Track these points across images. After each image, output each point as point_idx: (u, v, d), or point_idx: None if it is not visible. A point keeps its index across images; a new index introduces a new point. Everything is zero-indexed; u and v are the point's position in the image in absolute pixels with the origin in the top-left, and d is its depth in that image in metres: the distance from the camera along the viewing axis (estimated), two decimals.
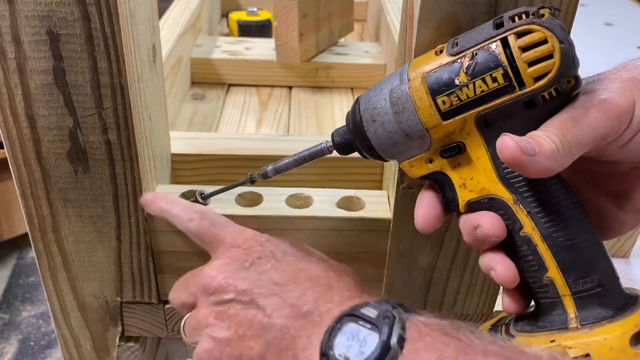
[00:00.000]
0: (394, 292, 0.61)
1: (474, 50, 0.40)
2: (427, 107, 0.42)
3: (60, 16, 0.47)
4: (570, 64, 0.39)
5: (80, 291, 0.61)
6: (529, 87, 0.39)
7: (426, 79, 0.42)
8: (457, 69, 0.41)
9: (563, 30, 0.39)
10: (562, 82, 0.39)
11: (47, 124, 0.51)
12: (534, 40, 0.38)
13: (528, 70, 0.39)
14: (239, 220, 0.57)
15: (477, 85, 0.40)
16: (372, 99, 0.45)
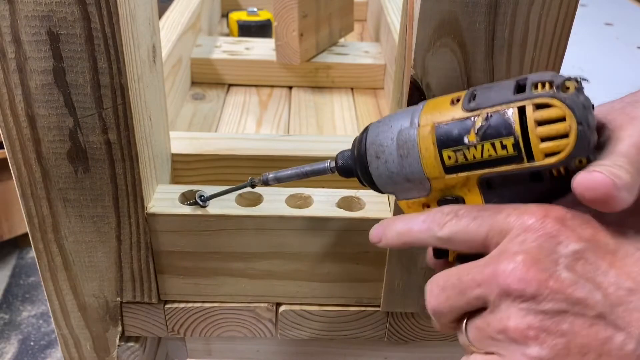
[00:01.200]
0: (394, 292, 0.61)
1: (490, 112, 0.39)
2: (431, 158, 0.41)
3: (60, 16, 0.47)
4: (584, 146, 0.37)
5: (81, 291, 0.61)
6: (538, 162, 0.38)
7: (436, 129, 0.41)
8: (468, 126, 0.39)
9: (585, 109, 0.36)
10: (572, 162, 0.37)
11: (47, 124, 0.51)
12: (552, 116, 0.37)
13: (540, 145, 0.37)
14: (239, 221, 0.57)
15: (485, 148, 0.39)
16: (380, 134, 0.44)
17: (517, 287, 0.34)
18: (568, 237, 0.35)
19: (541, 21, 0.46)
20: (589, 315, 0.33)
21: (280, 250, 0.59)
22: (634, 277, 0.33)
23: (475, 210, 0.39)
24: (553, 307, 0.33)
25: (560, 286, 0.33)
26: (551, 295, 0.33)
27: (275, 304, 0.64)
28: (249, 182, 0.55)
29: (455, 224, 0.39)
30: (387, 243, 0.44)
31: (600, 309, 0.33)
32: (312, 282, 0.62)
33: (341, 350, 0.72)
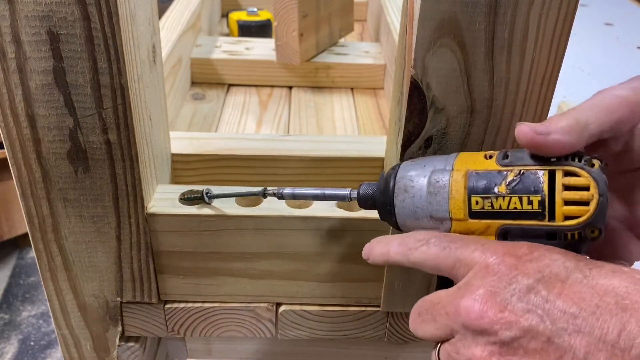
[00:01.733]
0: (394, 293, 0.61)
1: (523, 170, 0.42)
2: (460, 200, 0.43)
3: (61, 16, 0.47)
4: (601, 216, 0.40)
5: (81, 291, 0.61)
6: (557, 222, 0.41)
7: (469, 175, 0.43)
8: (500, 179, 0.42)
9: (605, 184, 0.40)
10: (587, 230, 0.40)
11: (47, 124, 0.51)
12: (578, 184, 0.40)
13: (563, 208, 0.40)
14: (240, 221, 0.57)
15: (512, 201, 0.42)
16: (412, 171, 0.46)
17: (477, 322, 0.38)
18: (523, 271, 0.38)
19: (541, 21, 0.46)
20: (540, 340, 0.36)
21: (280, 250, 0.59)
22: (577, 302, 0.36)
23: (445, 241, 0.43)
24: (509, 336, 0.37)
25: (514, 317, 0.37)
26: (507, 325, 0.37)
27: (275, 304, 0.64)
28: (262, 192, 0.55)
29: (426, 251, 0.44)
30: (373, 261, 0.48)
31: (548, 334, 0.36)
32: (312, 282, 0.62)
33: (341, 351, 0.72)
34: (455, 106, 0.50)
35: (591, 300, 0.36)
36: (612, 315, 0.35)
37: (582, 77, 2.37)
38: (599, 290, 0.36)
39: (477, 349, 0.38)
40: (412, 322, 0.44)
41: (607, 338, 0.34)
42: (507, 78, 0.49)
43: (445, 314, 0.41)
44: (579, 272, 0.38)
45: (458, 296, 0.40)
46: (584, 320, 0.35)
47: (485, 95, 0.49)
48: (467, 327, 0.39)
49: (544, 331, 0.36)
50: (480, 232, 0.44)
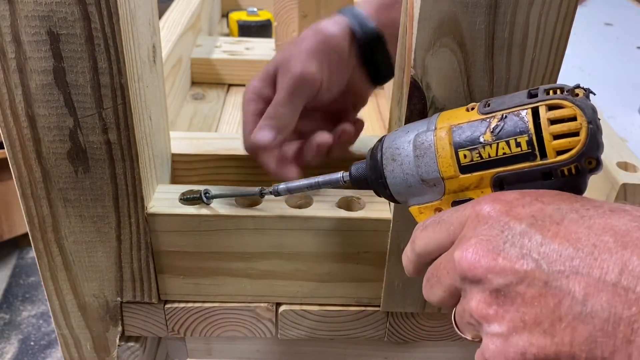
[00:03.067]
0: (394, 292, 0.61)
1: (505, 113, 0.41)
2: (447, 157, 0.42)
3: (61, 16, 0.47)
4: (594, 145, 0.39)
5: (81, 291, 0.61)
6: (550, 159, 0.39)
7: (453, 130, 0.42)
8: (484, 127, 0.41)
9: (594, 112, 0.39)
10: (583, 161, 0.39)
11: (47, 124, 0.51)
12: (564, 115, 0.39)
13: (553, 142, 0.39)
14: (240, 220, 0.57)
15: (500, 147, 0.41)
16: (396, 139, 0.46)
17: (471, 271, 0.37)
18: (515, 216, 0.37)
19: (541, 21, 0.46)
20: (537, 285, 0.34)
21: (281, 250, 0.59)
22: (573, 243, 0.35)
23: (438, 216, 0.42)
24: (504, 283, 0.35)
25: (509, 263, 0.35)
26: (501, 272, 0.36)
27: (275, 304, 0.64)
28: (259, 192, 0.55)
29: (425, 235, 0.43)
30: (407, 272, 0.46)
31: (545, 278, 0.34)
32: (312, 282, 0.62)
33: (341, 351, 0.72)
34: (455, 106, 0.50)
35: (588, 240, 0.34)
36: (611, 254, 0.33)
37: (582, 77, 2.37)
38: (597, 230, 0.35)
39: (473, 301, 0.37)
40: (424, 291, 0.43)
41: (607, 278, 0.33)
42: (507, 78, 0.49)
43: (446, 272, 0.40)
44: (575, 212, 0.37)
45: (453, 251, 0.39)
46: (581, 261, 0.34)
47: (485, 95, 0.49)
48: (464, 279, 0.38)
49: (540, 275, 0.35)
50: (475, 186, 0.42)
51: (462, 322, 0.40)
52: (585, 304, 0.33)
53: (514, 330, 0.35)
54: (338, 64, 0.63)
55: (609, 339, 0.32)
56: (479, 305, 0.37)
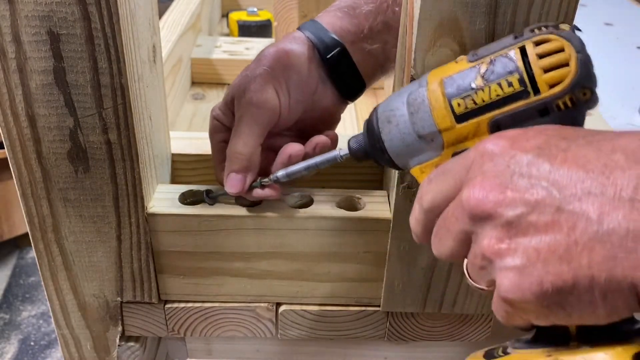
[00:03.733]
0: (394, 292, 0.61)
1: (492, 57, 0.41)
2: (442, 108, 0.42)
3: (61, 16, 0.47)
4: (586, 74, 0.39)
5: (81, 291, 0.61)
6: (544, 94, 0.39)
7: (444, 82, 0.42)
8: (474, 73, 0.41)
9: (581, 43, 0.39)
10: (577, 92, 0.39)
11: (48, 123, 0.51)
12: (551, 49, 0.39)
13: (543, 76, 0.39)
14: (240, 220, 0.57)
15: (492, 89, 0.40)
16: (390, 102, 0.46)
17: (480, 207, 0.36)
18: (520, 149, 0.36)
19: (541, 21, 0.46)
20: (550, 212, 0.34)
21: (281, 250, 0.59)
22: (583, 165, 0.34)
23: (441, 168, 0.41)
24: (515, 214, 0.35)
25: (518, 194, 0.35)
26: (512, 204, 0.35)
27: (276, 304, 0.64)
28: (259, 183, 0.56)
29: (431, 189, 0.41)
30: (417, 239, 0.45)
31: (558, 203, 0.33)
32: (312, 282, 0.62)
33: (341, 350, 0.72)
34: None
35: (598, 161, 0.34)
36: (624, 170, 0.33)
37: None
38: (606, 151, 0.34)
39: (485, 239, 0.36)
40: (433, 247, 0.42)
41: (622, 194, 0.32)
42: None
43: (455, 219, 0.38)
44: (581, 139, 0.36)
45: (460, 195, 0.38)
46: (593, 182, 0.33)
47: None
48: (474, 219, 0.36)
49: (552, 202, 0.34)
50: (473, 134, 0.42)
51: (475, 269, 0.38)
52: (601, 223, 0.32)
53: (529, 261, 0.34)
54: (298, 83, 0.59)
55: (630, 254, 0.31)
56: (490, 242, 0.36)
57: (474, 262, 0.38)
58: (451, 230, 0.39)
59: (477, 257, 0.37)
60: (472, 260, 0.38)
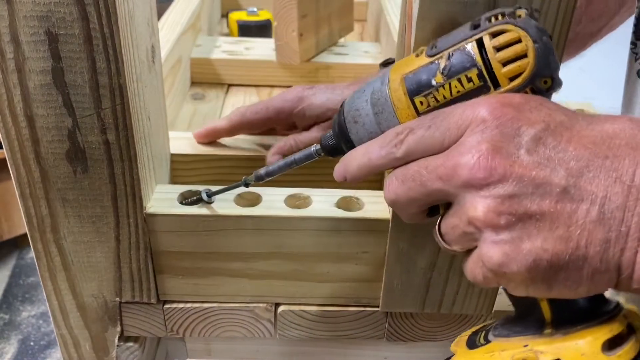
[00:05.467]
0: (393, 292, 0.61)
1: (451, 51, 0.40)
2: (405, 107, 0.42)
3: (59, 16, 0.47)
4: (545, 63, 0.38)
5: (80, 291, 0.61)
6: (504, 87, 0.39)
7: (405, 80, 0.42)
8: (434, 69, 0.41)
9: (539, 30, 0.38)
10: (537, 82, 0.39)
11: (46, 124, 0.51)
12: (508, 40, 0.38)
13: (502, 70, 0.39)
14: (238, 221, 0.57)
15: (453, 86, 0.40)
16: (355, 101, 0.45)
17: (482, 176, 0.35)
18: (526, 121, 0.36)
19: (539, 21, 0.46)
20: (554, 192, 0.34)
21: (279, 250, 0.59)
22: (590, 147, 0.35)
23: (427, 120, 0.40)
24: (519, 191, 0.35)
25: (524, 170, 0.35)
26: (517, 179, 0.35)
27: (274, 304, 0.64)
28: (243, 182, 0.56)
29: (411, 139, 0.40)
30: (352, 177, 0.44)
31: (564, 184, 0.34)
32: (310, 282, 0.62)
33: (341, 350, 0.72)
34: None
35: (602, 144, 0.35)
36: (624, 156, 0.34)
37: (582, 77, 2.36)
38: (609, 133, 0.35)
39: (480, 209, 0.35)
40: (392, 190, 0.41)
41: (623, 179, 0.33)
42: None
43: (437, 177, 0.37)
44: (582, 118, 0.37)
45: (454, 156, 0.37)
46: (598, 165, 0.34)
47: None
48: (470, 185, 0.36)
49: (559, 182, 0.34)
50: None
51: (456, 233, 0.38)
52: (603, 206, 0.33)
53: (527, 236, 0.35)
54: None
55: (621, 237, 0.33)
56: (488, 214, 0.35)
57: (456, 225, 0.38)
58: (427, 187, 0.38)
59: (461, 222, 0.37)
60: (454, 223, 0.38)
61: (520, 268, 0.35)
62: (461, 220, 0.37)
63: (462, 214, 0.37)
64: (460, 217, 0.37)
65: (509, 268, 0.35)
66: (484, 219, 0.36)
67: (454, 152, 0.37)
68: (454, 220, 0.38)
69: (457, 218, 0.38)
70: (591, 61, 2.63)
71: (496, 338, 0.44)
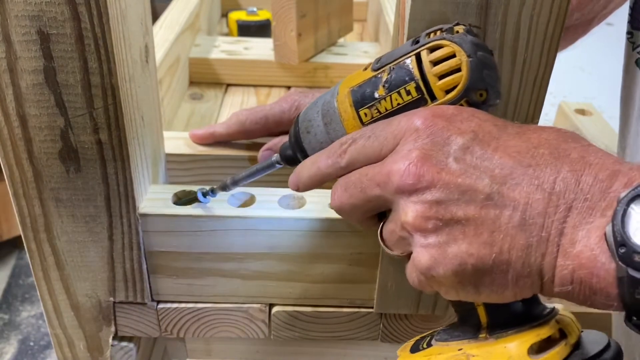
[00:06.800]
0: (387, 294, 0.61)
1: (392, 66, 0.42)
2: (350, 118, 0.44)
3: (50, 16, 0.47)
4: (479, 77, 0.40)
5: (74, 291, 0.61)
6: (440, 100, 0.41)
7: (351, 93, 0.44)
8: (377, 83, 0.43)
9: (475, 45, 0.40)
10: (472, 95, 0.40)
11: (39, 123, 0.51)
12: (444, 55, 0.40)
13: (438, 83, 0.41)
14: (232, 221, 0.57)
15: (393, 98, 0.42)
16: (308, 112, 0.47)
17: (411, 182, 0.37)
18: (456, 131, 0.38)
19: (532, 22, 0.46)
20: (479, 199, 0.36)
21: (273, 251, 0.59)
22: (514, 156, 0.37)
23: (368, 130, 0.42)
24: (446, 197, 0.37)
25: (451, 177, 0.37)
26: (444, 186, 0.37)
27: (268, 305, 0.63)
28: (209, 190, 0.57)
29: (353, 149, 0.42)
30: (304, 186, 0.47)
31: (488, 191, 0.36)
32: (304, 283, 0.61)
33: (341, 351, 0.72)
34: None
35: (527, 153, 0.36)
36: (546, 165, 0.36)
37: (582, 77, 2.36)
38: (534, 143, 0.37)
39: (410, 213, 0.37)
40: (337, 197, 0.43)
41: (544, 186, 0.35)
42: None
43: (375, 184, 0.40)
44: (511, 127, 0.39)
45: (389, 163, 0.39)
46: (521, 173, 0.36)
47: None
48: (401, 191, 0.38)
49: (483, 189, 0.36)
50: None
51: (393, 238, 0.40)
52: (525, 212, 0.35)
53: (454, 241, 0.36)
54: None
55: (542, 243, 0.35)
56: (416, 219, 0.37)
57: (393, 230, 0.40)
58: (367, 194, 0.40)
59: (397, 227, 0.39)
60: (391, 228, 0.40)
61: (447, 271, 0.36)
62: (397, 225, 0.39)
63: (397, 219, 0.39)
64: (396, 222, 0.39)
65: (437, 271, 0.37)
66: (412, 223, 0.37)
67: (389, 160, 0.39)
68: (392, 225, 0.40)
69: (393, 223, 0.39)
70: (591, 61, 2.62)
71: (437, 342, 0.46)
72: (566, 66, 0.58)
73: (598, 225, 0.33)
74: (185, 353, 0.75)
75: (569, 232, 0.34)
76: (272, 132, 0.71)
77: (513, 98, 0.49)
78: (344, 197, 0.42)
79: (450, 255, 0.36)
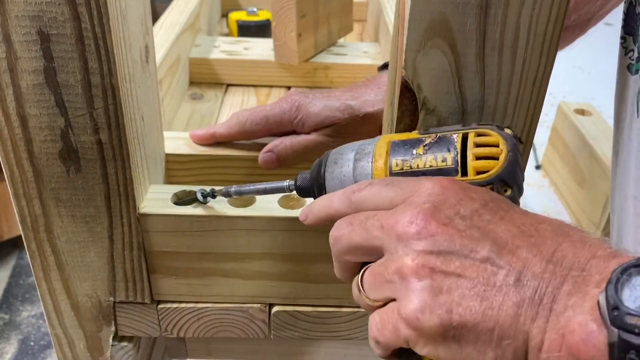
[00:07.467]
0: None
1: (439, 134, 0.45)
2: (382, 163, 0.46)
3: (51, 16, 0.47)
4: (510, 171, 0.42)
5: (74, 291, 0.61)
6: (470, 177, 0.43)
7: (392, 143, 0.46)
8: (419, 143, 0.45)
9: (516, 146, 0.43)
10: (497, 185, 0.42)
11: (39, 123, 0.51)
12: (488, 141, 0.43)
13: (474, 162, 0.42)
14: (232, 221, 0.57)
15: (428, 160, 0.44)
16: (342, 148, 0.49)
17: (416, 230, 0.38)
18: (469, 198, 0.40)
19: (532, 22, 0.46)
20: (479, 256, 0.37)
21: (273, 251, 0.59)
22: (518, 226, 0.39)
23: (388, 179, 0.44)
24: (448, 249, 0.38)
25: (456, 232, 0.38)
26: (447, 239, 0.38)
27: (268, 305, 0.64)
28: (211, 193, 0.57)
29: (367, 190, 0.44)
30: (313, 217, 0.48)
31: (488, 249, 0.37)
32: (304, 283, 0.62)
33: (342, 351, 0.72)
34: (446, 107, 0.50)
35: (531, 226, 0.38)
36: (547, 237, 0.38)
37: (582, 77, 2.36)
38: (538, 220, 0.39)
39: (407, 258, 0.38)
40: (339, 229, 0.44)
41: (543, 254, 0.36)
42: (498, 79, 0.48)
43: (380, 226, 0.41)
44: (519, 209, 0.41)
45: (398, 210, 0.40)
46: (523, 241, 0.37)
47: (476, 96, 0.49)
48: (402, 238, 0.39)
49: (484, 247, 0.37)
50: None
51: (378, 280, 0.40)
52: (521, 274, 0.36)
53: (447, 290, 0.37)
54: None
55: (534, 307, 0.35)
56: (416, 264, 0.38)
57: (380, 273, 0.40)
58: (369, 233, 0.41)
59: (387, 270, 0.39)
60: (379, 271, 0.40)
61: (433, 317, 0.37)
62: (387, 269, 0.39)
63: (391, 263, 0.39)
64: (387, 265, 0.39)
65: (424, 317, 0.37)
66: (411, 266, 0.38)
67: (399, 208, 0.41)
68: (380, 268, 0.40)
69: (383, 267, 0.40)
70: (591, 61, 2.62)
71: None
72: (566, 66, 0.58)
73: (592, 295, 0.34)
74: (185, 353, 0.75)
75: (562, 298, 0.35)
76: (272, 132, 0.72)
77: (513, 98, 0.49)
78: (345, 229, 0.43)
79: (441, 302, 0.37)
